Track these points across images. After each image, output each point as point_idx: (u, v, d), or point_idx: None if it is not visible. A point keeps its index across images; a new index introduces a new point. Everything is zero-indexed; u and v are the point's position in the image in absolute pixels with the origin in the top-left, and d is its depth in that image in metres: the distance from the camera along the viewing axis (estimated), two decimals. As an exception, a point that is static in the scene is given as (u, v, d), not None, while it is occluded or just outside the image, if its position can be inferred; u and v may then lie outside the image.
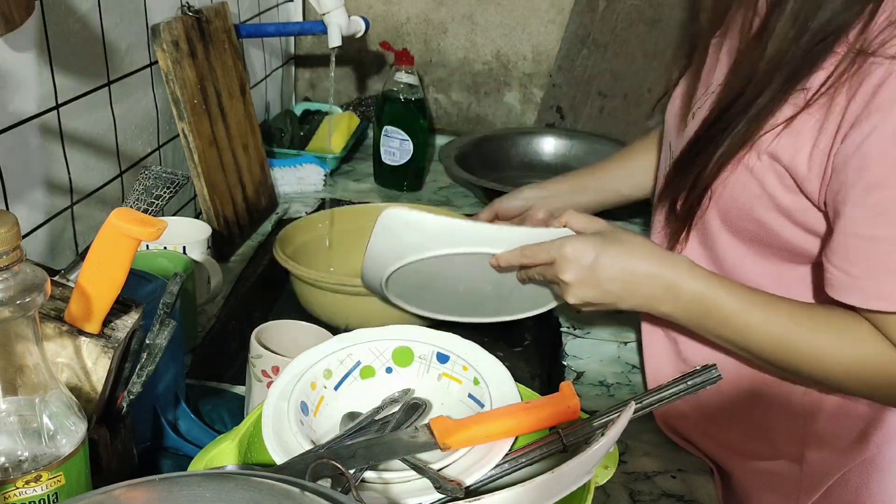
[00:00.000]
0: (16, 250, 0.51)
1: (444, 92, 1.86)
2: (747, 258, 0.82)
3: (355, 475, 0.60)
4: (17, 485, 0.53)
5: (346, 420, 0.69)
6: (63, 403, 0.56)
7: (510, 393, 0.69)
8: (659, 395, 0.64)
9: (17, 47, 0.83)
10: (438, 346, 0.73)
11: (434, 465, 0.61)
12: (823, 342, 0.73)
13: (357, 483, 0.59)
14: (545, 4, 1.78)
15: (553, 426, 0.64)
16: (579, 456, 0.56)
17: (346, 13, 1.35)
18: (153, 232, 0.58)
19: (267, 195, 1.40)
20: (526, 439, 0.65)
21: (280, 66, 1.75)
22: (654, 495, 0.80)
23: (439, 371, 0.72)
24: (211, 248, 1.06)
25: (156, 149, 1.19)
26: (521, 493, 0.53)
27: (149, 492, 0.47)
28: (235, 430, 0.67)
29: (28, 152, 0.88)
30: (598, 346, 1.07)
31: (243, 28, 1.41)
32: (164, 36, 1.12)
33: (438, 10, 1.82)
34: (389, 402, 0.69)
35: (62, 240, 0.96)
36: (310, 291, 1.11)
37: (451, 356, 0.72)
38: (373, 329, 0.74)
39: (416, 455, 0.62)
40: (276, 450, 0.62)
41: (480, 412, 0.68)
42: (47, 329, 0.61)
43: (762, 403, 0.86)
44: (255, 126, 1.39)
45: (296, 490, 0.45)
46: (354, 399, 0.71)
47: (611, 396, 0.97)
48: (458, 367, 0.72)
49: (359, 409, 0.70)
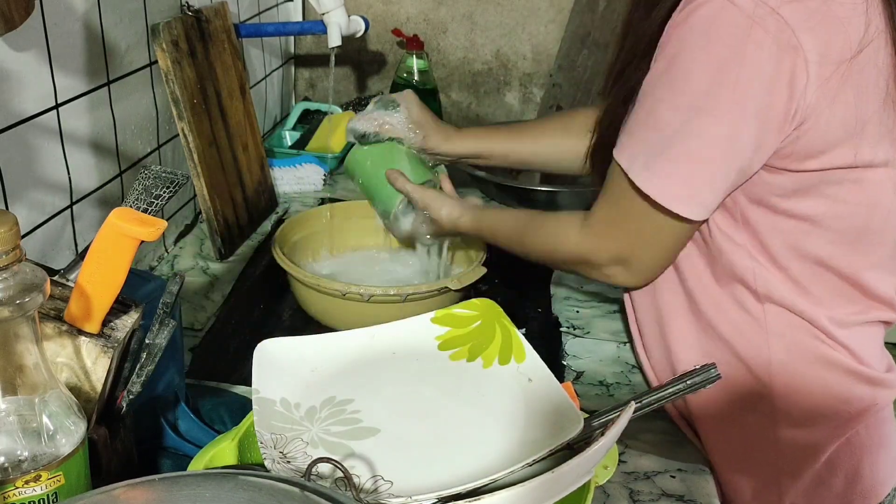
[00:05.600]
0: (15, 250, 0.51)
1: (444, 92, 1.86)
2: None
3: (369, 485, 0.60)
4: (17, 484, 0.53)
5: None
6: (63, 403, 0.56)
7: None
8: (659, 394, 0.64)
9: (17, 47, 0.83)
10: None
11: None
12: (542, 237, 0.95)
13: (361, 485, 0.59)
14: (545, 4, 1.78)
15: (553, 426, 0.64)
16: (579, 456, 0.56)
17: (345, 13, 1.35)
18: (153, 231, 0.58)
19: (266, 195, 1.40)
20: (526, 439, 0.64)
21: (280, 65, 1.75)
22: (653, 495, 0.80)
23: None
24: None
25: (155, 148, 1.19)
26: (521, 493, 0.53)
27: (148, 491, 0.46)
28: (235, 430, 0.67)
29: (28, 152, 0.88)
30: (598, 345, 1.06)
31: (243, 28, 1.41)
32: (164, 36, 1.12)
33: (438, 10, 1.82)
34: None
35: (62, 239, 0.96)
36: (308, 292, 1.11)
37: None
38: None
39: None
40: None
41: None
42: (47, 329, 0.61)
43: (727, 384, 0.87)
44: (255, 126, 1.38)
45: (296, 490, 0.45)
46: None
47: (611, 396, 0.97)
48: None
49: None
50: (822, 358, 0.86)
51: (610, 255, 0.87)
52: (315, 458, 0.57)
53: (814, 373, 0.86)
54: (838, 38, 0.73)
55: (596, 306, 1.15)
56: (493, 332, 0.77)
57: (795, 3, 0.73)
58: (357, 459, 0.63)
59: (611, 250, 0.87)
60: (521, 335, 0.75)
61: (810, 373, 0.86)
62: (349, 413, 0.69)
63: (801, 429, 0.87)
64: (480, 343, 0.76)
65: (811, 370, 0.86)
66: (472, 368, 0.74)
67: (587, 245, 0.89)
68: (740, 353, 0.86)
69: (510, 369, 0.73)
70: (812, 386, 0.86)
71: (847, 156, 0.77)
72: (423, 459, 0.64)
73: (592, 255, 0.89)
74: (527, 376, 0.72)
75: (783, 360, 0.85)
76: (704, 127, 0.76)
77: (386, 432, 0.67)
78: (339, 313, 1.10)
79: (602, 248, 0.88)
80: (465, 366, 0.75)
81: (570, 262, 0.93)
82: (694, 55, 0.76)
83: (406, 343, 0.77)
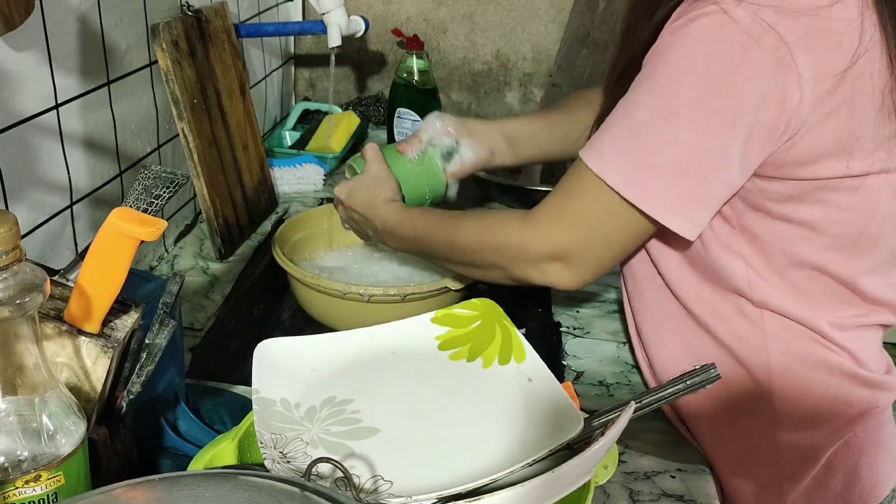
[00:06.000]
0: (15, 250, 0.51)
1: (444, 92, 1.86)
2: None
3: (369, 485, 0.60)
4: (17, 484, 0.53)
5: None
6: (63, 403, 0.56)
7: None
8: (659, 394, 0.64)
9: (17, 47, 0.83)
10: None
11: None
12: (474, 228, 0.91)
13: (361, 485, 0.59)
14: (545, 4, 1.78)
15: (553, 426, 0.64)
16: (579, 456, 0.56)
17: (345, 13, 1.35)
18: (153, 231, 0.58)
19: (266, 195, 1.40)
20: (526, 439, 0.64)
21: (280, 65, 1.75)
22: (653, 495, 0.80)
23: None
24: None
25: (155, 148, 1.19)
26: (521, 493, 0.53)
27: (148, 492, 0.47)
28: (235, 430, 0.67)
29: (28, 152, 0.88)
30: (598, 345, 1.07)
31: (243, 28, 1.41)
32: (164, 36, 1.12)
33: (438, 10, 1.82)
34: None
35: (62, 239, 0.96)
36: (308, 292, 1.11)
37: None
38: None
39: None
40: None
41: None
42: (47, 329, 0.61)
43: (726, 388, 0.87)
44: (255, 126, 1.38)
45: (296, 490, 0.45)
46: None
47: (610, 396, 0.97)
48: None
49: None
50: (821, 361, 0.85)
51: (550, 248, 0.83)
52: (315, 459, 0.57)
53: (813, 376, 0.86)
54: (833, 53, 0.73)
55: (596, 306, 1.15)
56: (493, 333, 0.77)
57: (792, 21, 0.72)
58: (357, 459, 0.63)
59: (552, 243, 0.83)
60: (521, 335, 0.75)
61: (810, 376, 0.86)
62: (349, 413, 0.69)
63: (802, 432, 0.87)
64: (480, 343, 0.76)
65: (811, 373, 0.86)
66: (472, 368, 0.74)
67: (526, 235, 0.84)
68: (740, 357, 0.86)
69: (510, 369, 0.73)
70: (812, 389, 0.86)
71: (839, 167, 0.77)
72: (423, 459, 0.64)
73: (529, 246, 0.84)
74: (527, 376, 0.72)
75: (783, 363, 0.85)
76: (691, 137, 0.75)
77: (386, 432, 0.67)
78: (339, 313, 1.10)
79: (542, 240, 0.83)
80: (465, 366, 0.75)
81: (502, 254, 0.87)
82: (686, 66, 0.75)
83: (406, 343, 0.77)
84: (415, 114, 1.58)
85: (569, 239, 0.82)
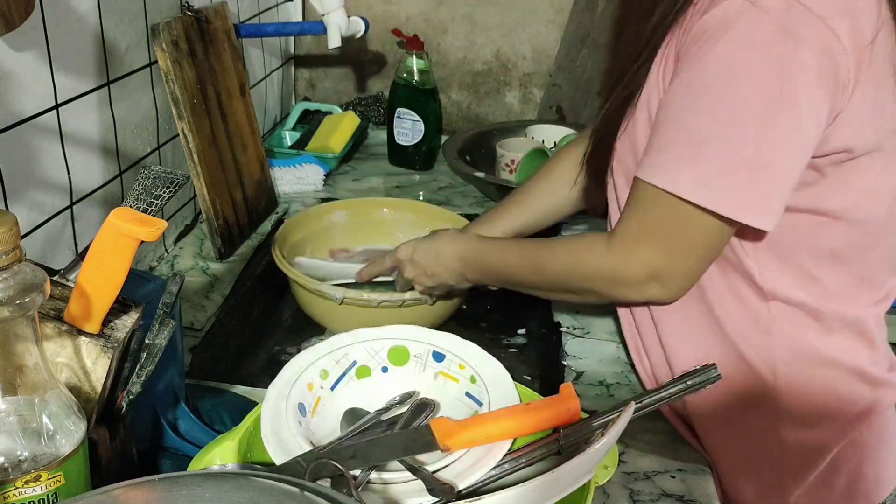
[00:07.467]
0: (15, 250, 0.51)
1: (444, 92, 1.86)
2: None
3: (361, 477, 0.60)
4: (17, 485, 0.53)
5: (348, 416, 0.69)
6: (62, 403, 0.56)
7: (508, 390, 0.69)
8: (659, 394, 0.64)
9: (17, 47, 0.83)
10: (434, 345, 0.73)
11: (433, 466, 0.61)
12: (562, 256, 0.92)
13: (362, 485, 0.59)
14: (545, 4, 1.78)
15: (554, 427, 0.64)
16: (579, 456, 0.56)
17: (345, 13, 1.36)
18: (153, 231, 0.58)
19: (266, 195, 1.40)
20: (524, 440, 0.65)
21: (280, 66, 1.75)
22: (653, 495, 0.80)
23: (435, 370, 0.72)
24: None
25: (155, 148, 1.19)
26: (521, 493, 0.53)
27: (148, 492, 0.46)
28: (235, 429, 0.67)
29: (28, 152, 0.88)
30: (598, 345, 1.06)
31: (243, 28, 1.41)
32: (164, 36, 1.12)
33: (438, 10, 1.82)
34: (393, 404, 0.69)
35: (61, 239, 0.96)
36: (306, 295, 1.11)
37: (447, 355, 0.72)
38: (368, 329, 0.74)
39: (416, 456, 0.62)
40: (276, 450, 0.62)
41: (479, 410, 0.68)
42: (47, 329, 0.61)
43: (730, 385, 0.87)
44: (255, 126, 1.38)
45: (296, 490, 0.45)
46: (351, 399, 0.71)
47: (610, 396, 0.97)
48: (455, 365, 0.72)
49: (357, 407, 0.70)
50: (827, 358, 0.85)
51: (641, 269, 0.83)
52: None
53: (819, 373, 0.86)
54: (862, 24, 0.74)
55: (596, 306, 1.15)
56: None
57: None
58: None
59: (641, 264, 0.83)
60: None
61: (815, 373, 0.86)
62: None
63: (806, 429, 0.87)
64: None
65: (816, 370, 0.86)
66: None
67: (614, 261, 0.85)
68: (744, 353, 0.86)
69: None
70: (817, 386, 0.86)
71: (868, 142, 0.77)
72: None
73: (621, 271, 0.85)
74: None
75: (788, 360, 0.85)
76: (757, 133, 0.75)
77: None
78: (337, 316, 1.10)
79: (632, 264, 0.83)
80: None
81: (595, 281, 0.88)
82: (733, 65, 0.74)
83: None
84: (415, 114, 1.58)
85: (656, 258, 0.82)
